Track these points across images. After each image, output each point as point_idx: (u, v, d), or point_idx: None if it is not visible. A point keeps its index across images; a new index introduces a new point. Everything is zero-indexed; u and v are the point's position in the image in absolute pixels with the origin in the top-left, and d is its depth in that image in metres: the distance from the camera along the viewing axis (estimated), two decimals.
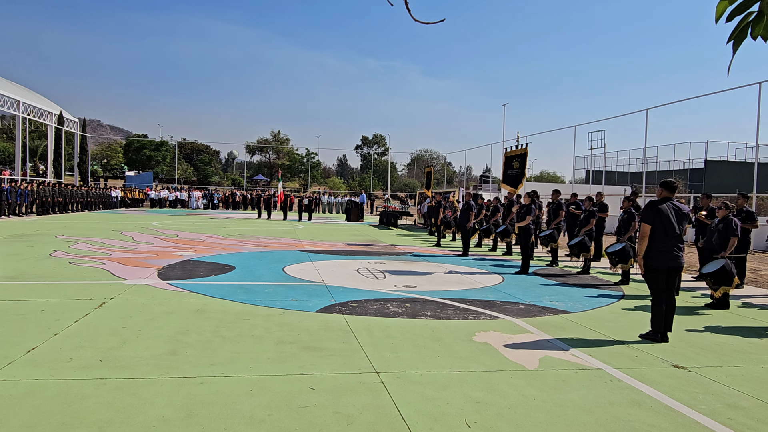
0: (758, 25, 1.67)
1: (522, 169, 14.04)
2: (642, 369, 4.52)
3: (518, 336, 5.43)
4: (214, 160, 71.09)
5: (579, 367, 4.48)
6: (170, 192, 40.36)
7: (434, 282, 8.71)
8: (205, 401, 3.48)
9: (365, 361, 4.42)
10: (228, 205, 40.26)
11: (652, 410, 3.63)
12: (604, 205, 12.42)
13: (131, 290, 7.07)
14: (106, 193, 34.42)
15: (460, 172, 73.17)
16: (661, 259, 5.35)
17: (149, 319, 5.55)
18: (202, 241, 14.11)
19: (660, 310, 5.39)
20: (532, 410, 3.54)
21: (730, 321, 6.55)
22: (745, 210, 9.07)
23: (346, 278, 8.72)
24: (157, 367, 4.09)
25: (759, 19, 1.67)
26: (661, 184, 5.60)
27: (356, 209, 28.53)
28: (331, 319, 5.88)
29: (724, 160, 43.90)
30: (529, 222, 10.51)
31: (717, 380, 4.30)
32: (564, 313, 6.59)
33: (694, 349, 5.18)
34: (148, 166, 59.30)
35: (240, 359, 4.36)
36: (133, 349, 4.52)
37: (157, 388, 3.66)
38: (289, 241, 15.32)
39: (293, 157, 68.00)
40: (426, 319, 6.04)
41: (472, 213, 13.34)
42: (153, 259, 10.15)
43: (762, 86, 16.55)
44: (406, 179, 70.74)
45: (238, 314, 5.93)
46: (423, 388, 3.86)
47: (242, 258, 10.92)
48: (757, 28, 1.68)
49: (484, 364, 4.49)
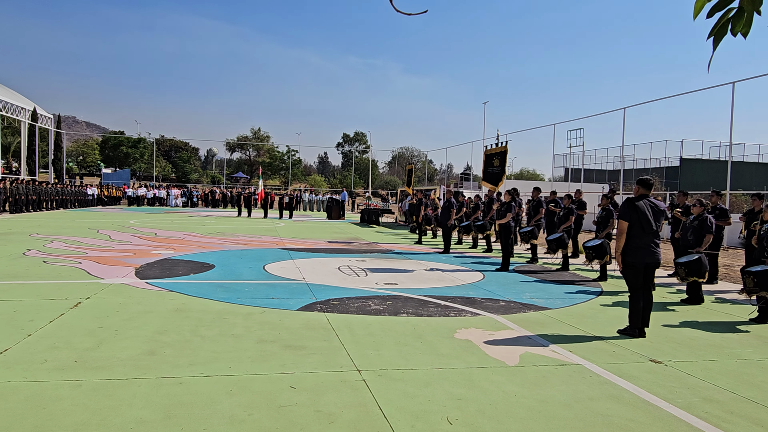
0: (739, 21, 1.69)
1: (502, 167, 14.14)
2: (620, 364, 4.58)
3: (499, 333, 5.46)
4: (194, 158, 70.20)
5: (559, 363, 4.53)
6: (148, 190, 39.76)
7: (415, 279, 8.72)
8: (184, 402, 3.43)
9: (347, 360, 4.41)
10: (207, 203, 39.82)
11: (630, 405, 3.68)
12: (583, 203, 12.58)
13: (108, 290, 6.94)
14: (82, 191, 33.77)
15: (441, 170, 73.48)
16: (638, 255, 5.44)
17: (126, 319, 5.45)
18: (181, 240, 13.92)
19: (637, 305, 5.47)
20: (512, 406, 3.57)
21: (704, 316, 6.68)
22: (719, 207, 9.26)
23: (328, 276, 8.69)
24: (135, 368, 4.02)
25: (740, 15, 1.69)
26: (638, 181, 5.68)
27: (337, 207, 28.46)
28: (313, 317, 5.85)
29: (698, 158, 44.83)
30: (509, 219, 10.59)
31: (693, 374, 4.38)
32: (544, 310, 6.65)
33: (670, 344, 5.28)
34: (126, 163, 58.33)
35: (220, 359, 4.31)
36: (109, 350, 4.44)
37: (134, 389, 3.60)
38: (270, 239, 15.21)
39: (274, 154, 67.49)
40: (407, 316, 6.04)
41: (453, 210, 13.40)
42: (130, 258, 9.98)
43: (735, 86, 16.92)
44: (388, 177, 70.77)
45: (217, 313, 5.86)
46: (405, 386, 3.86)
47: (222, 256, 10.80)
48: (738, 24, 1.70)
49: (466, 361, 4.51)
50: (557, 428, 3.26)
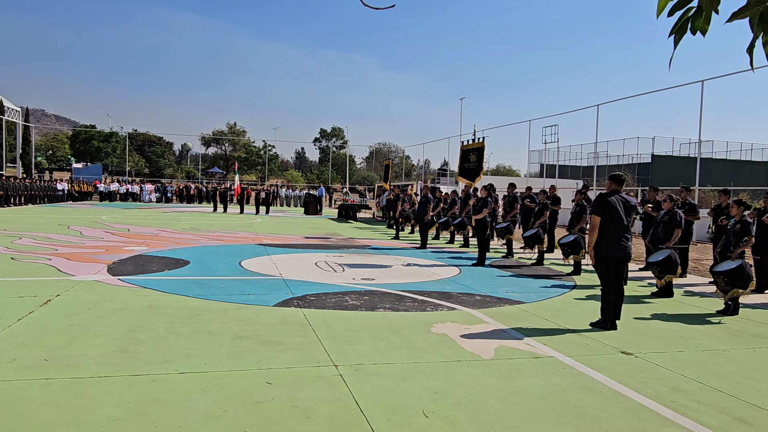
0: (698, 19, 1.75)
1: (479, 162, 14.24)
2: (592, 356, 4.68)
3: (475, 326, 5.52)
4: (168, 152, 69.07)
5: (533, 356, 4.60)
6: (121, 185, 38.99)
7: (393, 274, 8.75)
8: (158, 399, 3.39)
9: (323, 355, 4.41)
10: (182, 198, 39.25)
11: (601, 395, 3.76)
12: (557, 198, 12.75)
13: (79, 287, 6.80)
14: (52, 186, 32.95)
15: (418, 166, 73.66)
16: (610, 249, 5.55)
17: (98, 316, 5.36)
18: (155, 236, 13.71)
19: (609, 299, 5.59)
20: (487, 398, 3.62)
21: (674, 308, 6.86)
22: (688, 202, 9.49)
23: (305, 272, 8.66)
24: (107, 366, 3.95)
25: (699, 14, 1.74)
26: (610, 177, 5.79)
27: (315, 202, 28.34)
28: (289, 313, 5.83)
29: (669, 154, 45.81)
30: (485, 215, 10.69)
31: (661, 365, 4.49)
32: (519, 304, 6.74)
33: (640, 336, 5.40)
34: (97, 157, 57.07)
35: (195, 355, 4.27)
36: (81, 348, 4.36)
37: (106, 387, 3.54)
38: (246, 234, 15.08)
39: (250, 149, 66.80)
40: (384, 311, 6.07)
41: (430, 206, 13.46)
42: (102, 255, 9.79)
43: (704, 84, 17.33)
44: (365, 172, 70.73)
45: (192, 310, 5.80)
46: (381, 380, 3.88)
47: (197, 252, 10.67)
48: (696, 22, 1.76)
49: (442, 354, 4.55)
50: (530, 419, 3.32)
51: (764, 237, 8.18)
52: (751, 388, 4.02)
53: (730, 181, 37.92)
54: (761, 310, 6.94)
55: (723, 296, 6.59)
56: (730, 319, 6.34)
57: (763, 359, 4.81)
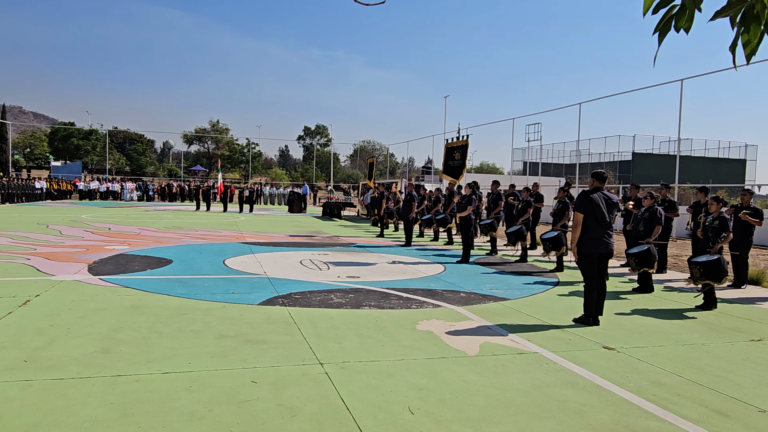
0: (681, 17, 1.78)
1: (463, 160, 14.31)
2: (575, 351, 4.73)
3: (460, 323, 5.55)
4: (149, 150, 68.20)
5: (517, 352, 4.65)
6: (101, 183, 38.42)
7: (378, 272, 8.76)
8: (141, 399, 3.35)
9: (309, 353, 4.40)
10: (164, 196, 38.81)
11: (584, 390, 3.81)
12: (540, 196, 12.87)
13: (59, 287, 6.69)
14: (30, 185, 32.35)
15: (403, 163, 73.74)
16: (592, 245, 5.62)
17: (79, 317, 5.28)
18: (137, 235, 13.54)
19: (592, 295, 5.66)
20: (472, 395, 3.64)
21: (654, 304, 6.97)
22: (668, 200, 9.65)
23: (289, 270, 8.62)
24: (89, 366, 3.90)
25: (682, 12, 1.78)
26: (592, 174, 5.86)
27: (299, 200, 28.21)
28: (274, 311, 5.80)
29: (650, 152, 46.47)
30: (469, 212, 10.74)
31: (643, 359, 4.57)
32: (503, 300, 6.80)
33: (622, 331, 5.48)
34: (77, 155, 56.15)
35: (178, 355, 4.23)
36: (61, 349, 4.29)
37: (88, 388, 3.50)
38: (230, 233, 14.96)
39: (233, 147, 66.27)
40: (370, 309, 6.07)
41: (414, 204, 13.50)
42: (83, 254, 9.65)
43: (684, 83, 17.61)
44: (350, 170, 70.58)
45: (176, 309, 5.74)
46: (367, 378, 3.89)
47: (180, 251, 10.56)
48: (680, 21, 1.79)
49: (427, 351, 4.56)
50: (515, 414, 3.35)
51: (741, 233, 8.35)
52: (729, 381, 4.11)
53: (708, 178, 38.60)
54: (738, 305, 7.08)
55: (694, 285, 6.73)
56: (708, 314, 6.46)
57: (741, 353, 4.91)
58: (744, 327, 5.89)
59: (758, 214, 8.22)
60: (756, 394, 3.87)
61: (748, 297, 7.69)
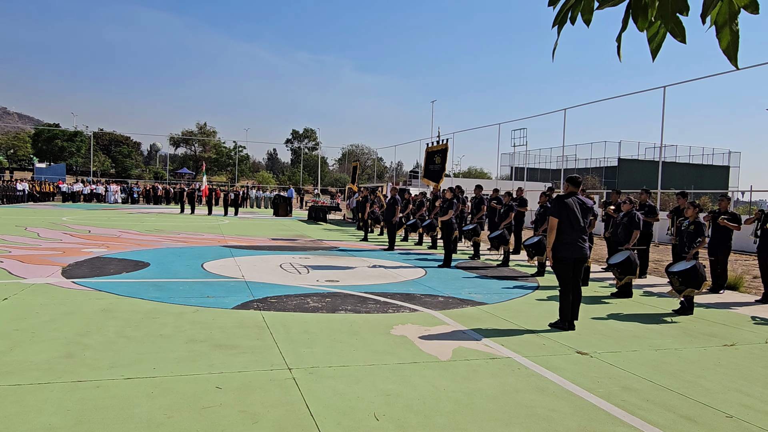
0: (577, 8, 1.76)
1: (443, 164, 14.32)
2: (548, 356, 4.71)
3: (435, 328, 5.51)
4: (135, 152, 67.54)
5: (490, 357, 4.61)
6: (85, 185, 37.95)
7: (357, 276, 8.69)
8: (99, 406, 3.26)
9: (278, 358, 4.33)
10: (149, 199, 38.45)
11: (554, 395, 3.78)
12: (524, 200, 12.90)
13: (29, 290, 6.56)
14: (11, 186, 31.86)
15: (391, 168, 73.78)
16: (567, 250, 5.61)
17: (46, 321, 5.16)
18: (117, 237, 13.36)
19: (567, 299, 5.65)
20: (441, 400, 3.60)
21: (631, 308, 6.98)
22: (648, 204, 9.70)
23: (268, 274, 8.54)
24: (49, 372, 3.80)
25: (578, 3, 1.76)
26: (567, 179, 5.87)
27: (284, 204, 28.06)
28: (248, 315, 5.72)
29: (635, 158, 46.95)
30: (451, 216, 10.72)
31: (615, 364, 4.55)
32: (481, 305, 6.77)
33: (597, 336, 5.47)
34: (61, 157, 55.50)
35: (144, 360, 4.14)
36: (23, 353, 4.18)
37: (45, 395, 3.40)
38: (212, 236, 14.82)
39: (220, 150, 65.86)
40: (345, 313, 6.01)
41: (398, 207, 13.46)
42: (58, 257, 9.48)
43: (666, 90, 17.79)
44: (337, 174, 70.48)
45: (147, 313, 5.64)
46: (335, 383, 3.83)
47: (159, 254, 10.43)
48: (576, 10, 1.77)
49: (399, 356, 4.51)
50: (481, 421, 3.31)
51: (720, 238, 8.41)
52: (700, 386, 4.10)
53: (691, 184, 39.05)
54: (714, 310, 7.12)
55: (677, 296, 6.73)
56: (684, 319, 6.48)
57: (713, 358, 4.92)
58: (718, 332, 5.91)
59: (736, 219, 8.29)
60: (724, 399, 3.86)
61: (725, 302, 7.73)
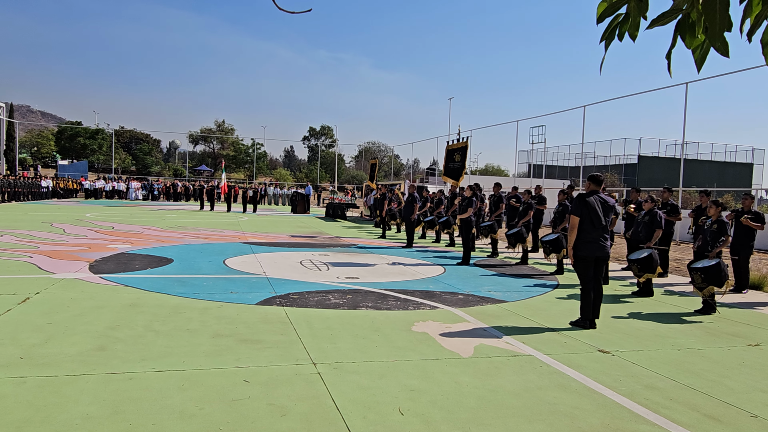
0: (625, 25, 1.80)
1: (463, 162, 14.31)
2: (570, 354, 4.73)
3: (455, 325, 5.55)
4: (155, 150, 68.49)
5: (511, 354, 4.64)
6: (107, 182, 38.62)
7: (377, 273, 8.77)
8: (133, 397, 3.38)
9: (303, 353, 4.42)
10: (169, 196, 38.97)
11: (576, 393, 3.81)
12: (543, 198, 12.85)
13: (59, 284, 6.74)
14: (36, 183, 32.56)
15: (407, 165, 73.74)
16: (588, 249, 5.61)
17: (77, 315, 5.32)
18: (140, 234, 13.61)
19: (588, 298, 5.65)
20: (464, 396, 3.65)
21: (653, 307, 6.94)
22: (670, 203, 9.61)
23: (289, 270, 8.65)
24: (84, 364, 3.93)
25: (626, 20, 1.79)
26: (588, 177, 5.86)
27: (302, 201, 28.25)
28: (271, 311, 5.82)
29: (655, 156, 46.27)
30: (470, 214, 10.73)
31: (637, 363, 4.55)
32: (501, 303, 6.79)
33: (618, 335, 5.47)
34: (83, 155, 56.51)
35: (173, 353, 4.26)
36: (57, 346, 4.32)
37: (82, 385, 3.53)
38: (232, 233, 15.01)
39: (238, 147, 66.47)
40: (367, 310, 6.08)
41: (417, 205, 13.50)
42: (85, 252, 9.71)
43: (689, 86, 17.55)
44: (354, 171, 70.65)
45: (173, 308, 5.77)
46: (359, 378, 3.90)
47: (181, 250, 10.61)
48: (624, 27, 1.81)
49: (421, 353, 4.57)
50: (505, 417, 3.35)
51: (742, 237, 8.31)
52: (724, 386, 4.09)
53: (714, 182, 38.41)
54: (738, 309, 7.05)
55: (699, 293, 6.68)
56: (707, 318, 6.43)
57: (737, 357, 4.89)
58: (742, 332, 5.86)
59: (760, 219, 8.18)
60: (749, 399, 3.85)
61: (749, 302, 7.65)
